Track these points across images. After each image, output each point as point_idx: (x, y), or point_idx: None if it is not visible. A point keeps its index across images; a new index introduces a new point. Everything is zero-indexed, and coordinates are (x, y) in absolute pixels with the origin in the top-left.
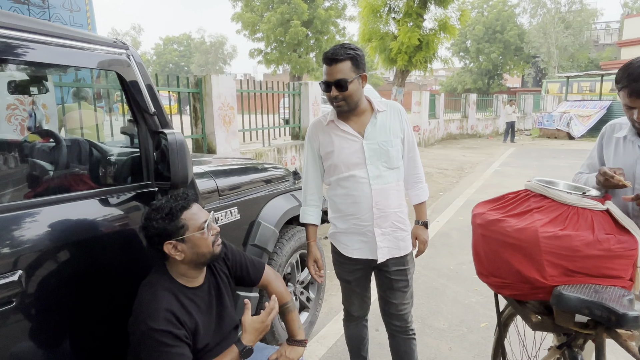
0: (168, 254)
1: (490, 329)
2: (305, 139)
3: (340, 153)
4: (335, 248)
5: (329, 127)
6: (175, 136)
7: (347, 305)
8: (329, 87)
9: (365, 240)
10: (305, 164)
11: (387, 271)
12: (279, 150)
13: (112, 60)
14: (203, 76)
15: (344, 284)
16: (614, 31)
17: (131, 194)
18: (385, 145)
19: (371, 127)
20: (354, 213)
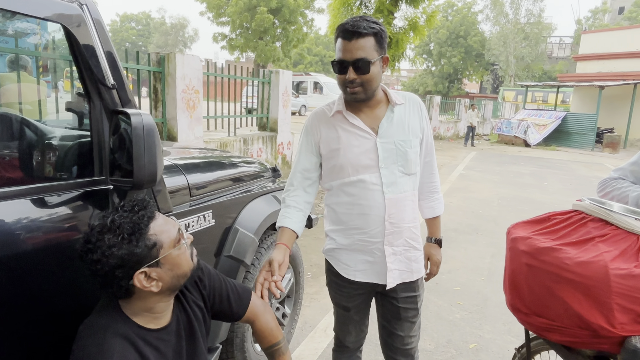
0: (140, 287)
1: (480, 351)
2: (303, 130)
3: (348, 152)
4: (332, 268)
5: (335, 120)
6: (142, 118)
7: (341, 334)
8: (344, 68)
9: (371, 261)
10: (297, 160)
11: (394, 297)
12: (245, 141)
13: (58, 8)
14: (167, 54)
15: (341, 310)
16: (567, 45)
17: (76, 192)
18: (403, 145)
19: (387, 123)
20: (361, 227)
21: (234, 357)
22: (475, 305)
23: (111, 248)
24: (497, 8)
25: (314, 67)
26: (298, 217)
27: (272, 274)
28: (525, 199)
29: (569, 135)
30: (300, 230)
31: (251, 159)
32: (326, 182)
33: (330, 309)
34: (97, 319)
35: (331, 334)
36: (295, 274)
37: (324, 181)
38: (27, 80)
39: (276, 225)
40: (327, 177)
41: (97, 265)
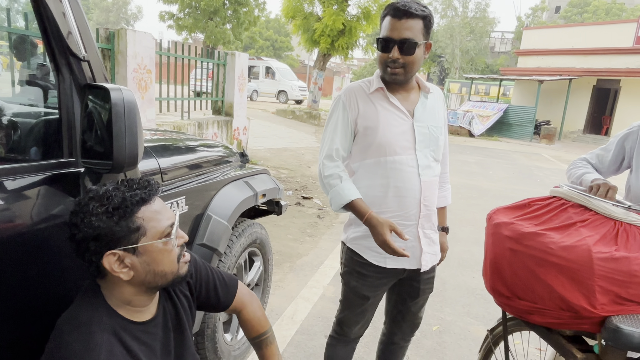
0: (108, 269)
1: (443, 333)
2: (338, 105)
3: (387, 131)
4: (357, 257)
5: (375, 97)
6: (123, 94)
7: (347, 324)
8: (389, 46)
9: (402, 246)
10: (332, 135)
11: (416, 279)
12: (199, 125)
13: None
14: (117, 30)
15: (358, 300)
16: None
17: (42, 175)
18: (435, 131)
19: (421, 107)
20: (396, 209)
21: (205, 347)
22: (435, 289)
23: (91, 216)
24: (445, 1)
25: (265, 52)
26: (354, 187)
27: (401, 235)
28: (473, 186)
29: (510, 127)
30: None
31: (219, 143)
32: (356, 161)
33: (296, 297)
34: (79, 312)
35: (298, 320)
36: (264, 262)
37: (354, 160)
38: None
39: (340, 200)
40: (360, 156)
41: (74, 230)
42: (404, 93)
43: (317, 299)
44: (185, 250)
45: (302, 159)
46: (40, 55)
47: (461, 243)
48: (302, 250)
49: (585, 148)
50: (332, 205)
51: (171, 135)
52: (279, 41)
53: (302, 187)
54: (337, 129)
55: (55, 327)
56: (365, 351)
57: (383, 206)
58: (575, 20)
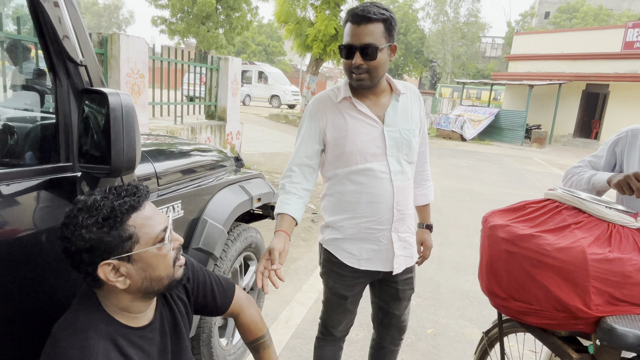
0: (104, 279)
1: (437, 336)
2: (306, 115)
3: (356, 139)
4: (333, 257)
5: (342, 106)
6: (121, 98)
7: (330, 323)
8: (351, 53)
9: (376, 249)
10: (298, 146)
11: (394, 281)
12: (192, 129)
13: None
14: (110, 35)
15: (337, 299)
16: (498, 46)
17: (39, 180)
18: (407, 134)
19: (392, 112)
20: (369, 215)
21: (200, 352)
22: (429, 292)
23: (81, 228)
24: (438, 6)
25: (258, 57)
26: (298, 204)
27: (272, 262)
28: (465, 190)
29: (501, 131)
30: (299, 217)
31: (213, 147)
32: (329, 170)
33: (291, 301)
34: (75, 318)
35: (293, 325)
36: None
37: (326, 169)
38: None
39: (274, 212)
40: (332, 165)
41: (66, 243)
42: (374, 98)
43: (312, 302)
44: (180, 254)
45: None
46: (33, 59)
47: (455, 246)
48: (296, 254)
49: (575, 152)
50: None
51: (166, 139)
52: (271, 46)
53: None
54: (303, 139)
55: (52, 333)
56: (360, 355)
57: (357, 212)
58: (564, 25)
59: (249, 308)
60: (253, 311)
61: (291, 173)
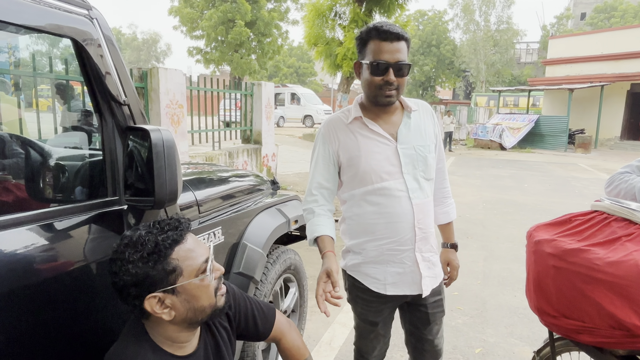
0: (150, 311)
1: (486, 356)
2: (318, 139)
3: (370, 159)
4: (358, 283)
5: (353, 126)
6: (162, 134)
7: (364, 349)
8: (385, 70)
9: (401, 272)
10: (314, 170)
11: (422, 304)
12: (230, 154)
13: (67, 21)
14: (149, 69)
15: (367, 326)
16: (533, 51)
17: (88, 214)
18: (422, 151)
19: (405, 129)
20: (390, 235)
21: None
22: (475, 310)
23: (128, 264)
24: (467, 16)
25: (290, 79)
26: (330, 223)
27: (333, 285)
28: (508, 201)
29: (543, 138)
30: (334, 236)
31: (250, 172)
32: (345, 192)
33: (333, 322)
34: (124, 348)
35: (336, 347)
36: (300, 288)
37: (342, 191)
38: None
39: (310, 236)
40: (348, 186)
41: (114, 277)
42: (385, 116)
43: (353, 323)
44: (222, 282)
45: None
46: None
47: (500, 261)
48: None
49: (624, 155)
50: (308, 237)
51: (204, 167)
52: (302, 67)
53: None
54: (318, 163)
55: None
56: None
57: (377, 233)
58: (602, 26)
59: (290, 332)
60: (294, 335)
61: (313, 197)
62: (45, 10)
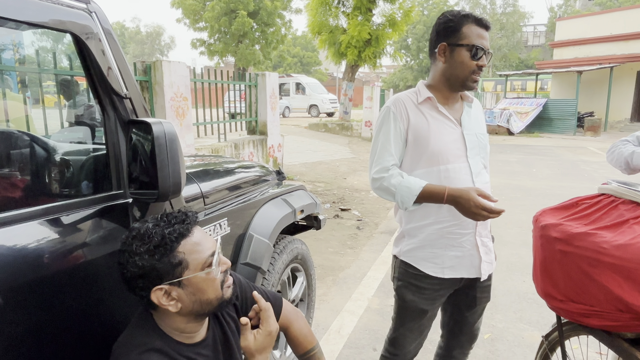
0: (157, 303)
1: (495, 341)
2: (388, 116)
3: (439, 140)
4: (413, 269)
5: (423, 107)
6: (164, 127)
7: (401, 342)
8: (480, 54)
9: (460, 255)
10: (383, 145)
11: (473, 288)
12: (236, 145)
13: (67, 15)
14: (153, 62)
15: (416, 315)
16: (541, 33)
17: (94, 208)
18: (482, 138)
19: (467, 116)
20: (452, 218)
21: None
22: None
23: (135, 256)
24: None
25: (294, 69)
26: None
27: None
28: (516, 186)
29: (551, 121)
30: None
31: (255, 163)
32: (406, 172)
33: (342, 311)
34: (132, 337)
35: (345, 334)
36: (307, 277)
37: (403, 170)
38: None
39: (413, 191)
40: (410, 166)
41: (122, 269)
42: (452, 103)
43: (362, 311)
44: (228, 274)
45: (337, 171)
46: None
47: (508, 246)
48: (343, 262)
49: None
50: (404, 202)
51: (210, 159)
52: (306, 57)
53: (340, 199)
54: (389, 139)
55: (112, 351)
56: None
57: (439, 216)
58: (611, 6)
59: (297, 321)
60: (302, 324)
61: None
62: (44, 5)
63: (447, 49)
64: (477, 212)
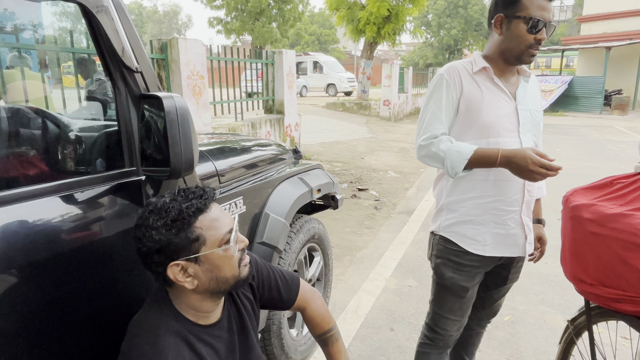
0: (173, 279)
1: (516, 323)
2: (440, 84)
3: (491, 112)
4: (453, 245)
5: (478, 77)
6: (175, 101)
7: (443, 326)
8: (540, 28)
9: (502, 233)
10: (434, 113)
11: (506, 267)
12: (253, 125)
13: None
14: (169, 40)
15: (456, 294)
16: (568, 8)
17: (106, 186)
18: (537, 115)
19: (522, 91)
20: (497, 194)
21: (272, 344)
22: None
23: (151, 230)
24: None
25: (311, 47)
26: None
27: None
28: None
29: (577, 100)
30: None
31: (272, 142)
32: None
33: (359, 290)
34: (148, 316)
35: (362, 314)
36: (324, 257)
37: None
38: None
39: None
40: (459, 137)
41: (138, 244)
42: (508, 76)
43: (379, 291)
44: (246, 253)
45: (355, 151)
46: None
47: None
48: (361, 242)
49: None
50: (453, 168)
51: (226, 137)
52: (324, 35)
53: (357, 179)
54: (440, 107)
55: (128, 329)
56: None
57: (484, 190)
58: None
59: (314, 301)
60: (319, 304)
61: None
62: None
63: (504, 21)
64: (534, 170)
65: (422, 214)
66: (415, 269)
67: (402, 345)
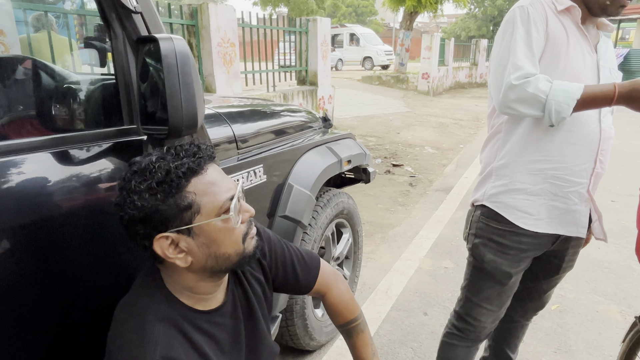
0: (161, 255)
1: (564, 313)
2: (522, 14)
3: (575, 62)
4: (496, 221)
5: (564, 17)
6: (175, 43)
7: (476, 317)
8: None
9: (562, 208)
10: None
11: (559, 254)
12: (285, 96)
13: None
14: (199, 5)
15: (497, 280)
16: None
17: (104, 145)
18: (616, 75)
19: (604, 46)
20: (563, 160)
21: (294, 324)
22: None
23: (133, 195)
24: None
25: (348, 19)
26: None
27: None
28: None
29: (632, 75)
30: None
31: (300, 108)
32: None
33: (390, 270)
34: (136, 299)
35: (393, 295)
36: (354, 234)
37: None
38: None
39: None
40: None
41: (120, 211)
42: (587, 25)
43: (412, 272)
44: (253, 225)
45: (390, 126)
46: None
47: None
48: (394, 220)
49: None
50: (560, 111)
51: (250, 101)
52: (361, 6)
53: (392, 155)
54: (529, 43)
55: (114, 313)
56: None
57: (547, 154)
58: None
59: (337, 285)
60: (343, 289)
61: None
62: None
63: None
64: None
65: (460, 191)
66: (452, 250)
67: (436, 331)
